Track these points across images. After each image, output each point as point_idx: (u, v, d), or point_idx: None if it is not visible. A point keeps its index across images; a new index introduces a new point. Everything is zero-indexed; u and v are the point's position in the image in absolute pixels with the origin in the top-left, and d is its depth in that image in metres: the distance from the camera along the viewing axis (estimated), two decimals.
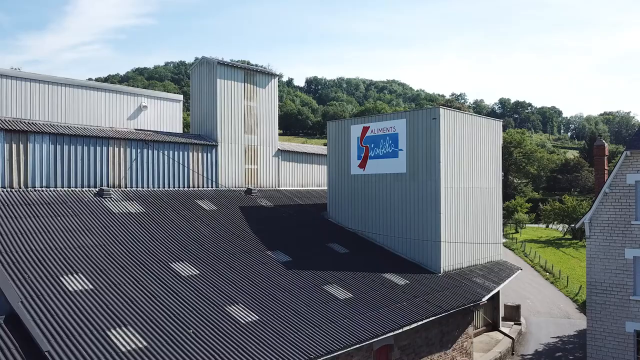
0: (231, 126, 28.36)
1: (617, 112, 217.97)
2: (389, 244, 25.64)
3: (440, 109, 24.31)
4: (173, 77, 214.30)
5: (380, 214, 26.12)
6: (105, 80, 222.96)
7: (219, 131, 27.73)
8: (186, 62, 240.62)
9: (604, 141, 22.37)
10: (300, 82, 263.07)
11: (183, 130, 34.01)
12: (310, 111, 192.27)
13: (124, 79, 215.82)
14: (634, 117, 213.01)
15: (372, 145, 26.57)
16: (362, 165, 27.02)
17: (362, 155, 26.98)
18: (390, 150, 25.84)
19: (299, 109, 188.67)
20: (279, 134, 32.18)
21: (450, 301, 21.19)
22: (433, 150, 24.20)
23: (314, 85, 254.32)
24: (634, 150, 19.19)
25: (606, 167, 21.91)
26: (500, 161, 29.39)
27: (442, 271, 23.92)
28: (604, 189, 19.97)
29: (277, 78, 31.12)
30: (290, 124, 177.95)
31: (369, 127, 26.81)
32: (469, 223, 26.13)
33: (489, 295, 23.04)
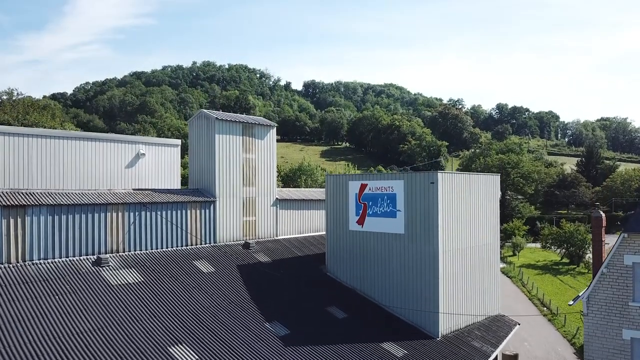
0: (230, 180, 28.31)
1: (614, 117, 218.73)
2: (387, 303, 25.67)
3: (438, 173, 24.32)
4: (170, 82, 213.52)
5: (379, 273, 26.13)
6: (103, 84, 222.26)
7: (218, 186, 27.66)
8: (183, 66, 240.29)
9: (601, 212, 22.41)
10: (298, 85, 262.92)
11: (182, 176, 33.98)
12: (308, 117, 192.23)
13: (122, 83, 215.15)
14: (630, 122, 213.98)
15: (370, 203, 26.57)
16: (361, 222, 27.02)
17: (360, 212, 26.98)
18: (388, 210, 25.84)
19: (297, 115, 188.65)
20: (277, 140, 32.16)
21: None
22: (431, 214, 24.21)
23: (311, 89, 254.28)
24: (632, 232, 19.24)
25: (604, 239, 21.96)
26: (498, 213, 29.44)
27: (440, 335, 23.97)
28: (602, 269, 20.02)
29: (274, 128, 31.07)
30: (288, 130, 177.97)
31: (367, 184, 26.80)
32: (467, 282, 26.17)
33: None
